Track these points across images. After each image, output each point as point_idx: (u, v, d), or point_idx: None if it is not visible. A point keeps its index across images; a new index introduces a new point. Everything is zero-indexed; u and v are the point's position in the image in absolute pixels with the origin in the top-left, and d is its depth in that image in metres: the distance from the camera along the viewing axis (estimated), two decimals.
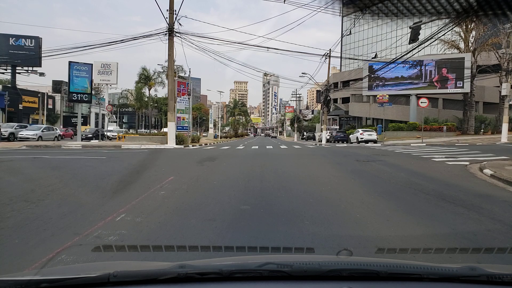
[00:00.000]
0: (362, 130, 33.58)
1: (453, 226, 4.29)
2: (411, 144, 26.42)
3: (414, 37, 17.82)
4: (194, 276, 1.38)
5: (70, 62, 22.21)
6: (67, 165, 10.42)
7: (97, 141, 31.99)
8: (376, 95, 34.18)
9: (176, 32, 22.74)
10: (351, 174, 9.02)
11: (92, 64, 23.35)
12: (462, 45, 35.45)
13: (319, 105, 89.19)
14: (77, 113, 68.15)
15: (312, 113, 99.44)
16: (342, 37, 73.38)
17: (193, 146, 26.02)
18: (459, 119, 37.70)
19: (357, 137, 33.06)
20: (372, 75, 36.42)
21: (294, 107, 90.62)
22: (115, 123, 72.99)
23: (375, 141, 32.02)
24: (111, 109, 26.82)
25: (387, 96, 30.24)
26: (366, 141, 32.07)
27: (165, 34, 22.72)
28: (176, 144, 24.00)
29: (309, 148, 23.43)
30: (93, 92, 71.31)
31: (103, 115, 79.21)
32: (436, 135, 33.04)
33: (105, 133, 29.08)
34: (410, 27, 18.37)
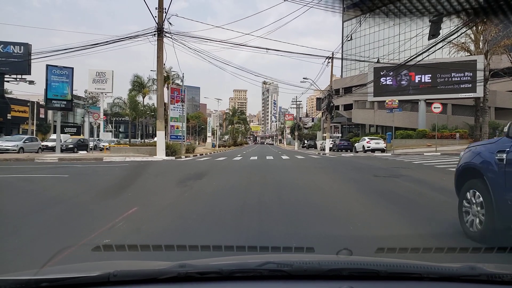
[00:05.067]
0: (368, 138, 31.38)
1: None
2: (424, 154, 24.17)
3: (434, 32, 15.39)
4: (194, 276, 1.37)
5: (47, 66, 20.05)
6: (7, 187, 8.17)
7: (84, 152, 29.74)
8: (385, 101, 31.97)
9: (166, 32, 20.68)
10: (379, 198, 6.78)
11: (72, 68, 21.15)
12: (472, 47, 33.42)
13: (319, 113, 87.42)
14: (71, 123, 66.22)
15: (312, 121, 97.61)
16: (342, 42, 71.64)
17: (186, 157, 23.78)
18: (470, 126, 35.51)
19: (363, 145, 30.87)
20: (380, 83, 34.28)
21: (294, 114, 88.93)
22: (111, 133, 70.99)
23: (383, 150, 29.85)
24: (98, 117, 24.63)
25: (397, 101, 28.04)
26: (373, 150, 29.93)
27: (154, 34, 20.65)
28: (167, 155, 21.76)
29: (314, 159, 21.21)
30: (89, 100, 69.00)
31: (99, 124, 77.02)
32: (448, 143, 30.78)
33: (92, 143, 26.77)
34: (430, 21, 15.97)
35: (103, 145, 29.31)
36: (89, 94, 76.29)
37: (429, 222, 4.91)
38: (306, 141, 66.42)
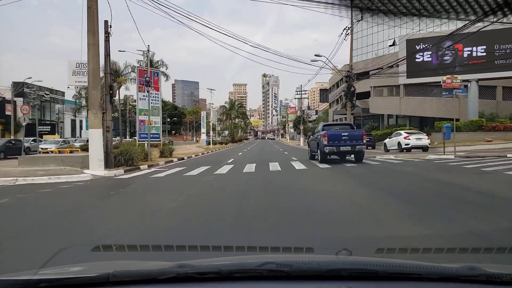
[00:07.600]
0: (405, 133, 23.41)
1: None
2: (508, 155, 16.24)
3: None
4: (194, 276, 1.36)
5: None
6: None
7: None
8: (419, 83, 23.96)
9: None
10: None
11: None
12: None
13: (323, 106, 79.37)
14: (48, 121, 58.01)
15: (316, 114, 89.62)
16: (352, 26, 63.45)
17: (149, 166, 15.85)
18: None
19: (399, 142, 22.98)
20: (415, 61, 26.11)
21: (297, 107, 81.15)
22: None
23: (425, 148, 21.99)
24: (28, 112, 16.98)
25: (459, 79, 19.76)
26: (409, 149, 22.10)
27: None
28: (117, 165, 13.97)
29: (351, 171, 13.12)
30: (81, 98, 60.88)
31: (81, 121, 68.86)
32: None
33: (27, 144, 19.03)
34: None
35: (43, 148, 21.33)
36: (68, 87, 68.44)
37: None
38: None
